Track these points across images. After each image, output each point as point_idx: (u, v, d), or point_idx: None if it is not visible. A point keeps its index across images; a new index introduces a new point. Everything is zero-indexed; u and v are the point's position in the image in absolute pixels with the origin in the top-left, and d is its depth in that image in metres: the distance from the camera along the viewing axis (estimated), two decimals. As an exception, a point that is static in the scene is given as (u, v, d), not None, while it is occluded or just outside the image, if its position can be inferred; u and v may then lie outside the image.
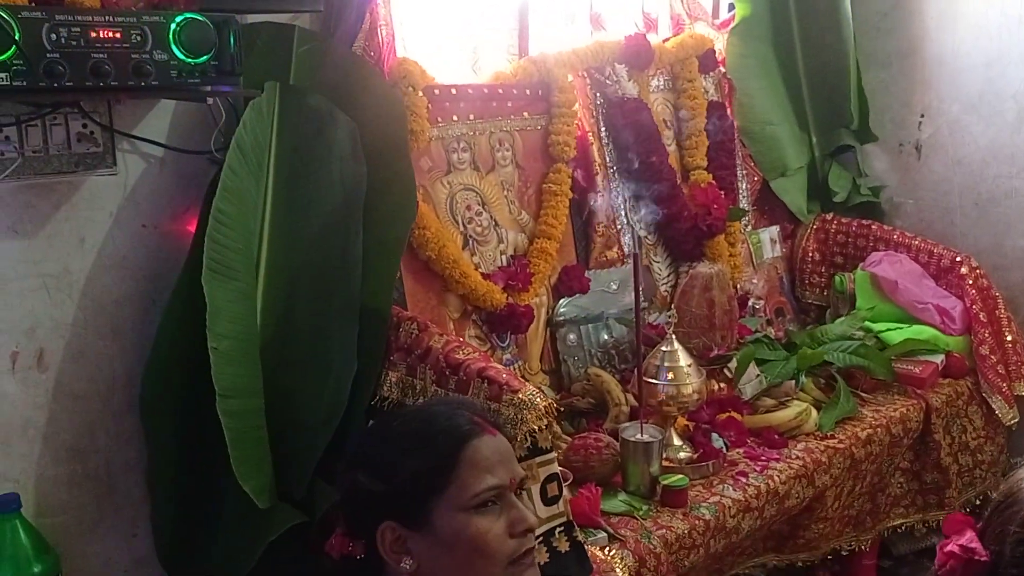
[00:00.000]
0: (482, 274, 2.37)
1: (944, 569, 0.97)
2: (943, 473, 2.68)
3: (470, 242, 2.42)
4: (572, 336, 2.58)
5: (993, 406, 2.79)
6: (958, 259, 3.00)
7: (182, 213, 1.96)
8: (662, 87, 2.99)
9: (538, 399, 1.68)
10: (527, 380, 2.26)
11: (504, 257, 2.49)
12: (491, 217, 2.48)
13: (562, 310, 2.57)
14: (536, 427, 1.66)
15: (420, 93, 2.28)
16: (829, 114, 3.34)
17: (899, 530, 2.68)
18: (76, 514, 1.88)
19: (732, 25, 3.18)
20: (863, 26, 3.28)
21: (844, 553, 2.49)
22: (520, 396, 1.68)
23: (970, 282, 2.94)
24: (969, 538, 0.96)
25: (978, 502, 2.80)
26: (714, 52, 3.11)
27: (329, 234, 1.99)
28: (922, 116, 3.25)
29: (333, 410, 1.90)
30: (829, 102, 3.32)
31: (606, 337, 2.63)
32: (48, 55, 1.46)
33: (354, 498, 1.35)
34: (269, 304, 1.94)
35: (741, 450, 2.27)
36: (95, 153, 1.85)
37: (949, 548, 0.96)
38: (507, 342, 2.45)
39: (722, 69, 3.15)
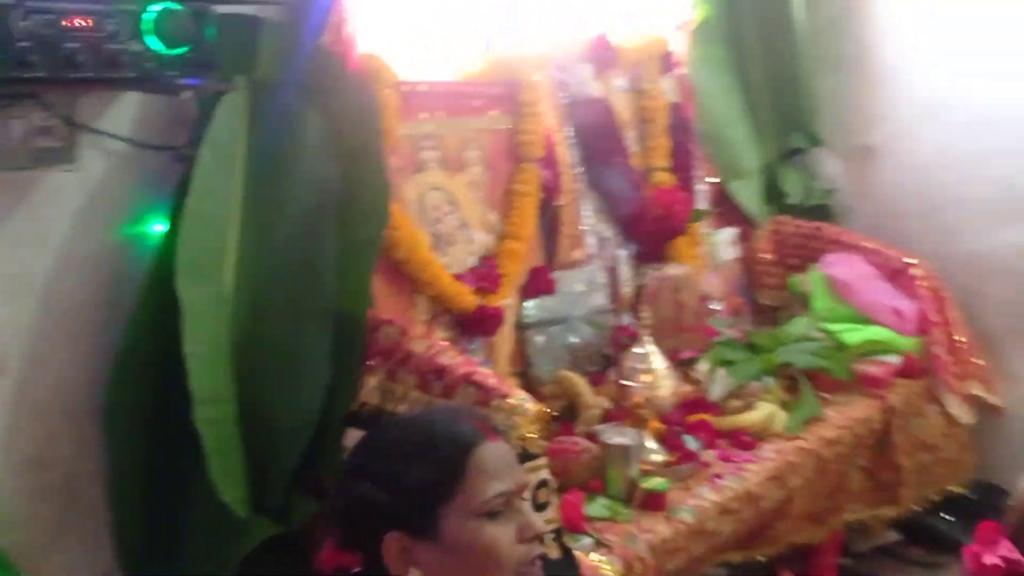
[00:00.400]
0: (452, 276, 2.34)
1: (981, 573, 0.97)
2: (897, 472, 2.73)
3: (439, 243, 2.37)
4: (540, 338, 2.55)
5: (948, 405, 2.86)
6: (910, 262, 3.06)
7: (147, 212, 1.88)
8: (625, 88, 2.98)
9: (529, 404, 1.65)
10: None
11: (473, 259, 2.45)
12: (460, 218, 2.44)
13: (529, 312, 2.55)
14: (527, 432, 1.63)
15: (389, 90, 2.23)
16: (783, 117, 3.38)
17: (855, 526, 2.72)
18: (37, 528, 1.77)
19: (691, 28, 3.19)
20: (816, 32, 3.32)
21: (801, 547, 2.51)
22: (510, 401, 1.65)
23: (922, 284, 3.01)
24: (1007, 547, 0.96)
25: (937, 499, 2.86)
26: (674, 54, 3.12)
27: (301, 235, 1.93)
28: (874, 121, 3.31)
29: (308, 417, 1.84)
30: (783, 105, 3.36)
31: (574, 339, 2.61)
32: (19, 43, 1.38)
33: (357, 509, 1.31)
34: (240, 308, 1.87)
35: (714, 452, 2.28)
36: (56, 148, 1.75)
37: (991, 561, 0.96)
38: (476, 345, 2.41)
39: (682, 71, 3.16)
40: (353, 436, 1.80)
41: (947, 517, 2.88)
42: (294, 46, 1.98)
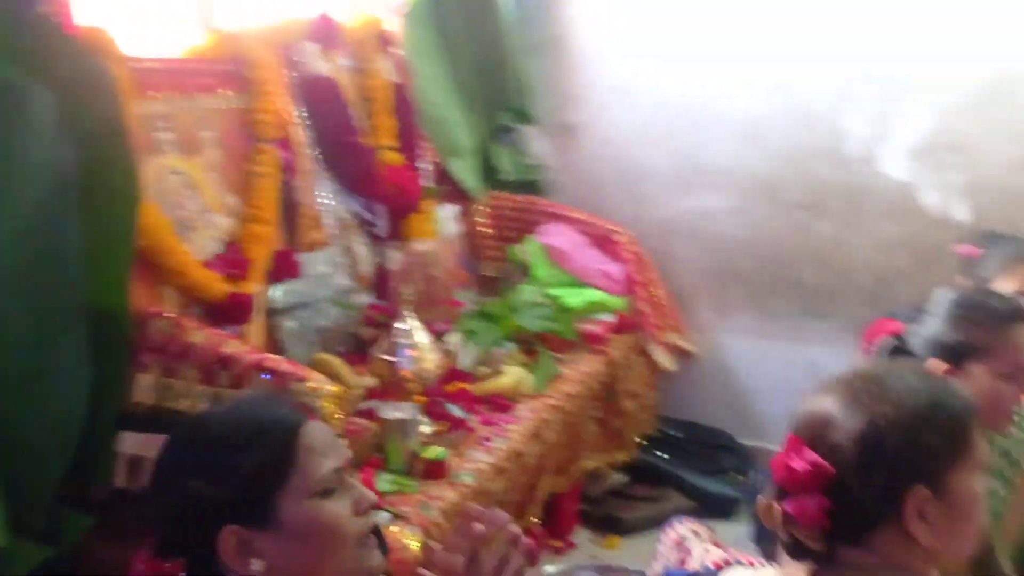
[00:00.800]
0: (199, 263, 2.22)
1: (794, 483, 1.14)
2: (622, 418, 3.03)
3: (181, 229, 2.23)
4: (290, 323, 2.50)
5: (654, 355, 3.21)
6: (613, 229, 3.38)
7: None
8: (349, 67, 2.97)
9: (329, 386, 1.64)
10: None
11: (217, 244, 2.34)
12: (200, 202, 2.32)
13: (278, 297, 2.48)
14: (330, 413, 1.61)
15: (118, 66, 2.05)
16: (492, 98, 3.55)
17: (590, 473, 2.97)
18: None
19: (404, 10, 3.25)
20: (519, 17, 3.52)
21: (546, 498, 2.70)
22: (311, 384, 1.62)
23: (626, 249, 3.33)
24: (811, 455, 1.14)
25: (643, 442, 3.21)
26: (390, 34, 3.16)
27: (38, 226, 1.74)
28: (574, 101, 3.59)
29: (67, 425, 1.68)
30: (492, 87, 3.54)
31: (323, 322, 2.58)
32: None
33: (184, 509, 1.24)
34: (-27, 312, 1.65)
35: (477, 418, 2.38)
36: None
37: (800, 466, 1.13)
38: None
39: (400, 51, 3.21)
40: (130, 441, 1.68)
41: (660, 454, 3.24)
42: (10, 14, 1.77)
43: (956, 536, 1.15)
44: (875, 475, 1.11)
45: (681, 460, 3.21)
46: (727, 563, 1.36)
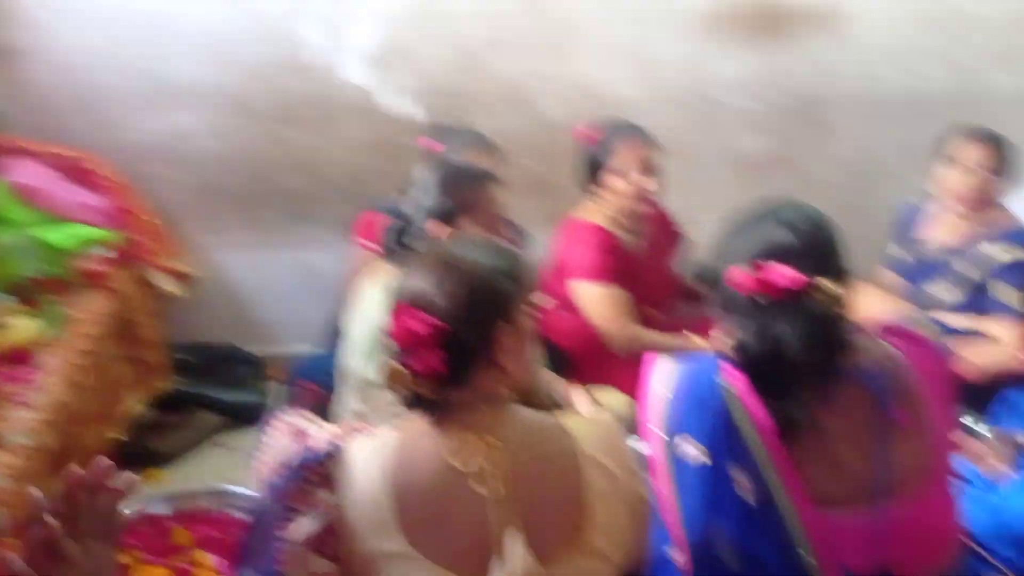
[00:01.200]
0: None
1: (416, 343, 1.34)
2: (142, 351, 2.95)
3: None
4: None
5: (157, 283, 3.14)
6: (84, 158, 3.16)
7: None
8: None
9: None
10: None
11: None
12: None
13: None
14: None
15: None
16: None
17: (129, 413, 2.85)
18: None
19: None
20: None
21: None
22: None
23: (104, 178, 3.16)
24: (426, 316, 1.34)
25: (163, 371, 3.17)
26: None
27: None
28: (14, 22, 3.19)
29: None
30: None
31: None
32: None
33: None
34: None
35: (-1, 377, 2.17)
36: None
37: (420, 327, 1.32)
38: None
39: None
40: None
41: (182, 380, 3.22)
42: None
43: (526, 362, 1.47)
44: (475, 321, 1.37)
45: (202, 381, 3.24)
46: (347, 435, 1.52)
